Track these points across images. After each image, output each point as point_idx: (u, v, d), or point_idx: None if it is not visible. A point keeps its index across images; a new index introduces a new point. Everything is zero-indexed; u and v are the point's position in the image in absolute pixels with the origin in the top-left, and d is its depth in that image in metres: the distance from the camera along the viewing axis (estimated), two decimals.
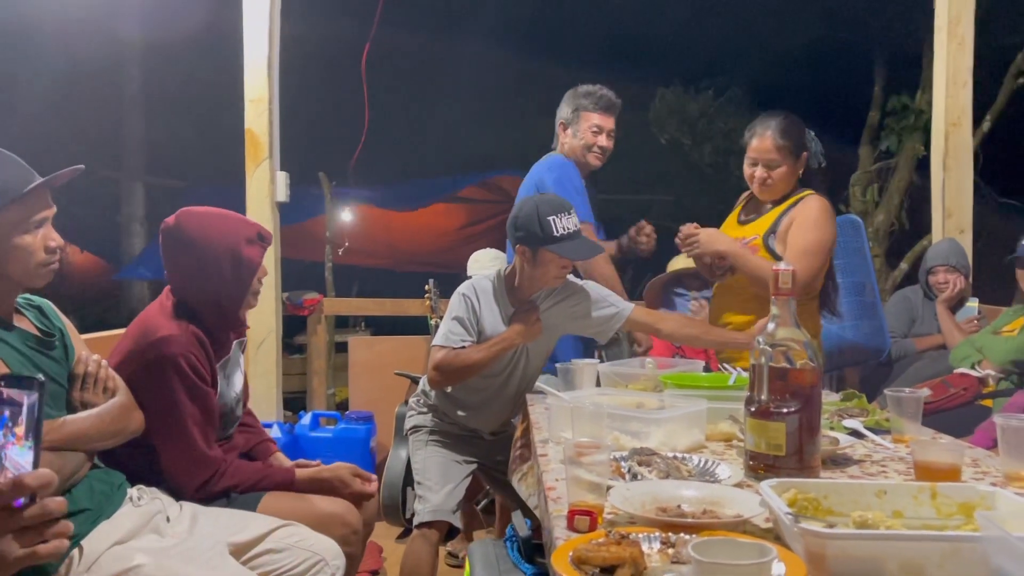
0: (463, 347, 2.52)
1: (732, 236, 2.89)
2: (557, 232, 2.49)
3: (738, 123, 8.36)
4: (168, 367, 2.02)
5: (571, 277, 2.73)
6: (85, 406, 1.86)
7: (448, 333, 2.54)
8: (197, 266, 2.12)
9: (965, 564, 1.08)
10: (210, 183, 8.27)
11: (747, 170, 2.87)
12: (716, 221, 3.05)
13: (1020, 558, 0.95)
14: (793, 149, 2.79)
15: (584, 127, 3.27)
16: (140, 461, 2.05)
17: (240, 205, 4.00)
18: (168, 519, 1.96)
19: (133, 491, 1.97)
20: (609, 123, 3.30)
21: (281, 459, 2.43)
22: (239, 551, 1.94)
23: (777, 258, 2.74)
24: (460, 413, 2.74)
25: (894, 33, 7.51)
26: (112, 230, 10.60)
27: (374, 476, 2.37)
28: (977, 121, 6.21)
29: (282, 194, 4.03)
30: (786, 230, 2.77)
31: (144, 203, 10.52)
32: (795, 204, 2.80)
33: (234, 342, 2.29)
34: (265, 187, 3.98)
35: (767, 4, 7.82)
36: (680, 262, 3.80)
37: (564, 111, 3.32)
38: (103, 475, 1.92)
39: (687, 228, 2.86)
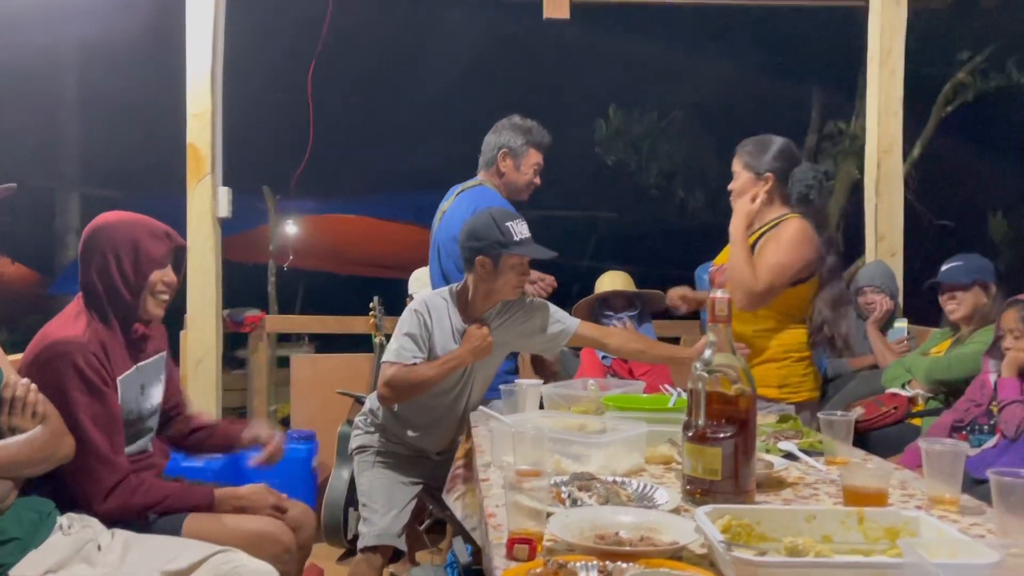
0: (414, 363, 2.52)
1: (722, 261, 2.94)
2: (517, 237, 2.53)
3: (681, 145, 8.53)
4: (63, 366, 1.98)
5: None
6: (13, 431, 1.80)
7: (400, 349, 2.54)
8: (101, 260, 2.13)
9: None
10: (149, 195, 8.09)
11: None
12: (659, 239, 3.11)
13: None
14: (752, 166, 2.84)
15: (530, 163, 3.26)
16: (67, 487, 1.99)
17: (181, 218, 3.93)
18: (99, 548, 1.91)
19: (63, 519, 1.92)
20: (541, 161, 3.32)
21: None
22: None
23: None
24: (410, 434, 2.72)
25: (830, 60, 7.76)
26: (46, 241, 10.29)
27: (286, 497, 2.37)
28: (908, 146, 6.43)
29: (224, 210, 3.96)
30: (762, 246, 2.79)
31: (80, 214, 10.24)
32: (774, 227, 2.80)
33: (157, 354, 2.25)
34: (207, 202, 3.91)
35: (707, 29, 8.01)
36: (607, 283, 3.85)
37: (512, 140, 3.25)
38: (31, 503, 1.86)
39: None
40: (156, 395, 2.29)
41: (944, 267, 3.51)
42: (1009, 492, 1.41)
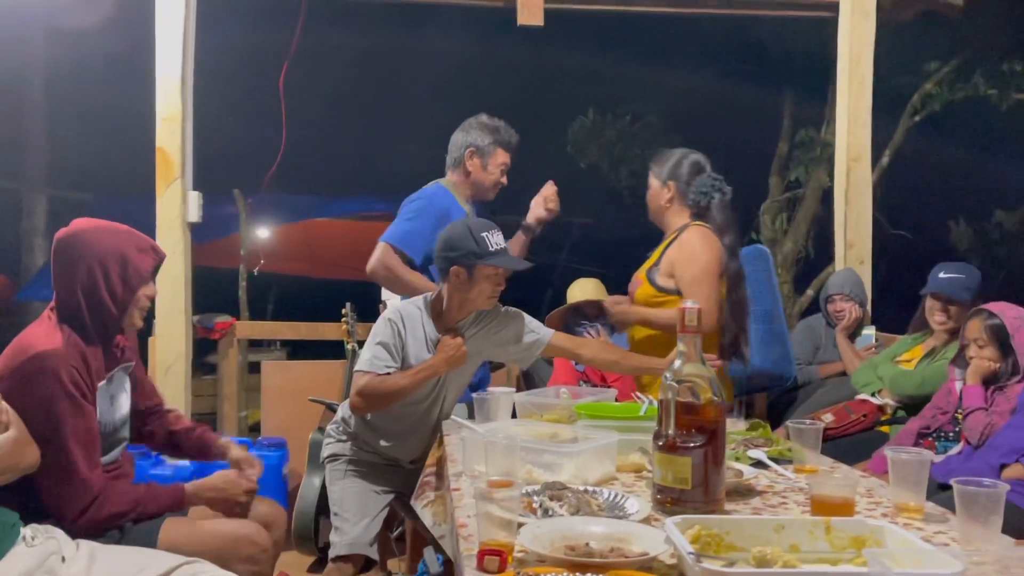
0: (387, 373, 2.51)
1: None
2: (492, 247, 2.53)
3: (653, 149, 8.58)
4: (49, 381, 1.95)
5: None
6: None
7: (373, 358, 2.53)
8: (86, 272, 2.08)
9: None
10: (119, 198, 7.98)
11: None
12: (633, 242, 3.14)
13: None
14: (657, 174, 3.02)
15: (497, 163, 3.26)
16: (33, 497, 1.96)
17: (151, 222, 3.89)
18: (63, 559, 1.87)
19: (27, 530, 1.88)
20: (509, 161, 3.33)
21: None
22: None
23: (660, 290, 2.90)
24: (383, 443, 2.71)
25: (803, 68, 7.85)
26: (11, 244, 10.10)
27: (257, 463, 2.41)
28: (877, 156, 6.52)
29: (194, 215, 3.92)
30: (669, 263, 2.90)
31: (47, 217, 10.05)
32: (675, 238, 2.93)
33: (119, 367, 2.23)
34: (176, 207, 3.87)
35: (681, 36, 8.08)
36: (578, 292, 3.87)
37: (480, 139, 3.25)
38: None
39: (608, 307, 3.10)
40: (124, 404, 2.27)
41: (942, 275, 3.43)
42: (972, 501, 1.43)
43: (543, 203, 3.31)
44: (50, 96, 9.99)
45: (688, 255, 2.85)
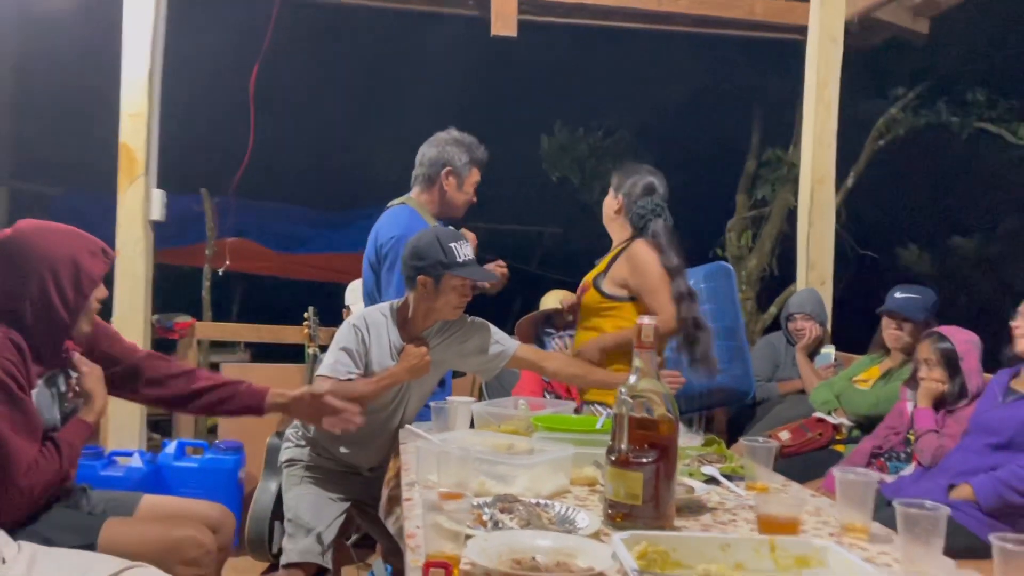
0: (349, 379, 2.49)
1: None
2: (460, 258, 2.52)
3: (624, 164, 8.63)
4: None
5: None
6: None
7: (336, 364, 2.50)
8: (36, 280, 2.00)
9: None
10: (86, 191, 7.85)
11: None
12: (604, 252, 3.15)
13: None
14: (616, 185, 3.09)
15: (472, 181, 3.19)
16: None
17: (113, 215, 3.84)
18: (3, 560, 1.83)
19: None
20: (479, 179, 3.26)
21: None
22: None
23: (606, 297, 2.96)
24: (343, 450, 2.69)
25: (771, 88, 7.96)
26: None
27: None
28: (842, 177, 6.63)
29: (157, 212, 3.88)
30: (620, 274, 2.95)
31: (8, 209, 9.86)
32: (623, 250, 2.99)
33: (61, 370, 2.17)
34: (138, 204, 3.82)
35: (653, 52, 8.15)
36: (551, 300, 3.88)
37: (456, 158, 3.14)
38: None
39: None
40: (66, 398, 2.20)
41: (898, 295, 3.51)
42: (913, 523, 1.45)
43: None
44: (19, 87, 9.80)
45: (642, 266, 2.90)
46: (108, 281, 2.24)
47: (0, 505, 1.94)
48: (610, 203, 3.10)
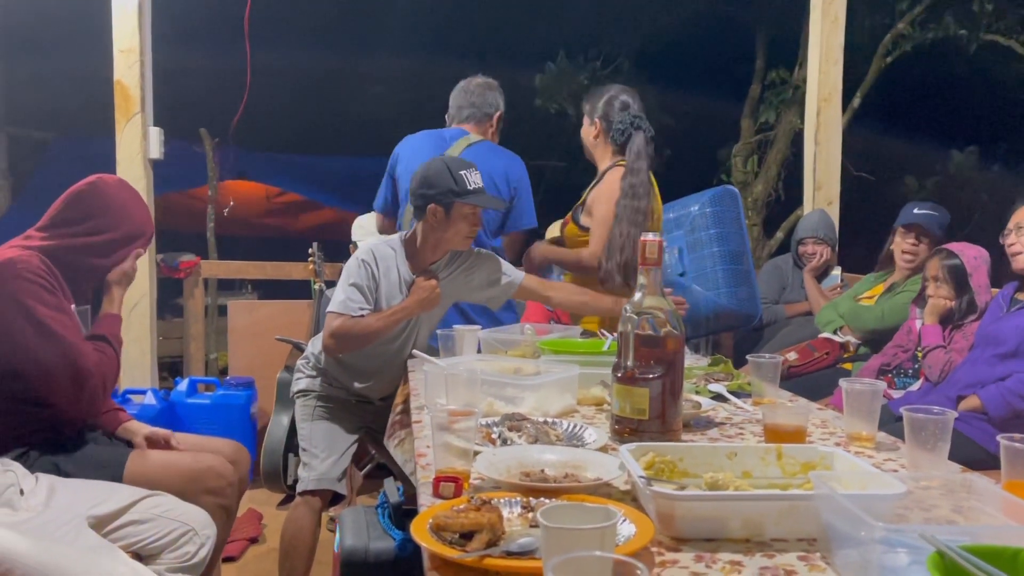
0: (361, 315, 2.49)
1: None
2: (471, 186, 2.50)
3: None
4: (17, 284, 1.97)
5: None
6: None
7: (347, 300, 2.49)
8: (106, 241, 2.18)
9: (800, 520, 1.16)
10: (82, 136, 7.78)
11: None
12: None
13: (845, 513, 1.03)
14: (587, 112, 3.05)
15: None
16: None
17: (112, 160, 3.80)
18: (22, 492, 1.87)
19: None
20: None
21: (135, 427, 2.32)
22: (100, 523, 1.88)
23: (582, 228, 2.96)
24: (356, 384, 2.71)
25: (775, 8, 7.76)
26: None
27: None
28: (848, 98, 6.51)
29: (155, 151, 3.84)
30: (590, 202, 2.95)
31: (7, 155, 9.79)
32: (599, 181, 2.98)
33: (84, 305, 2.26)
34: (137, 143, 3.79)
35: None
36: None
37: (502, 103, 3.29)
38: None
39: None
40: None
41: (917, 211, 3.48)
42: (920, 428, 1.46)
43: None
44: (4, 28, 9.62)
45: (605, 195, 2.90)
46: None
47: (72, 409, 2.04)
48: (588, 130, 3.08)
